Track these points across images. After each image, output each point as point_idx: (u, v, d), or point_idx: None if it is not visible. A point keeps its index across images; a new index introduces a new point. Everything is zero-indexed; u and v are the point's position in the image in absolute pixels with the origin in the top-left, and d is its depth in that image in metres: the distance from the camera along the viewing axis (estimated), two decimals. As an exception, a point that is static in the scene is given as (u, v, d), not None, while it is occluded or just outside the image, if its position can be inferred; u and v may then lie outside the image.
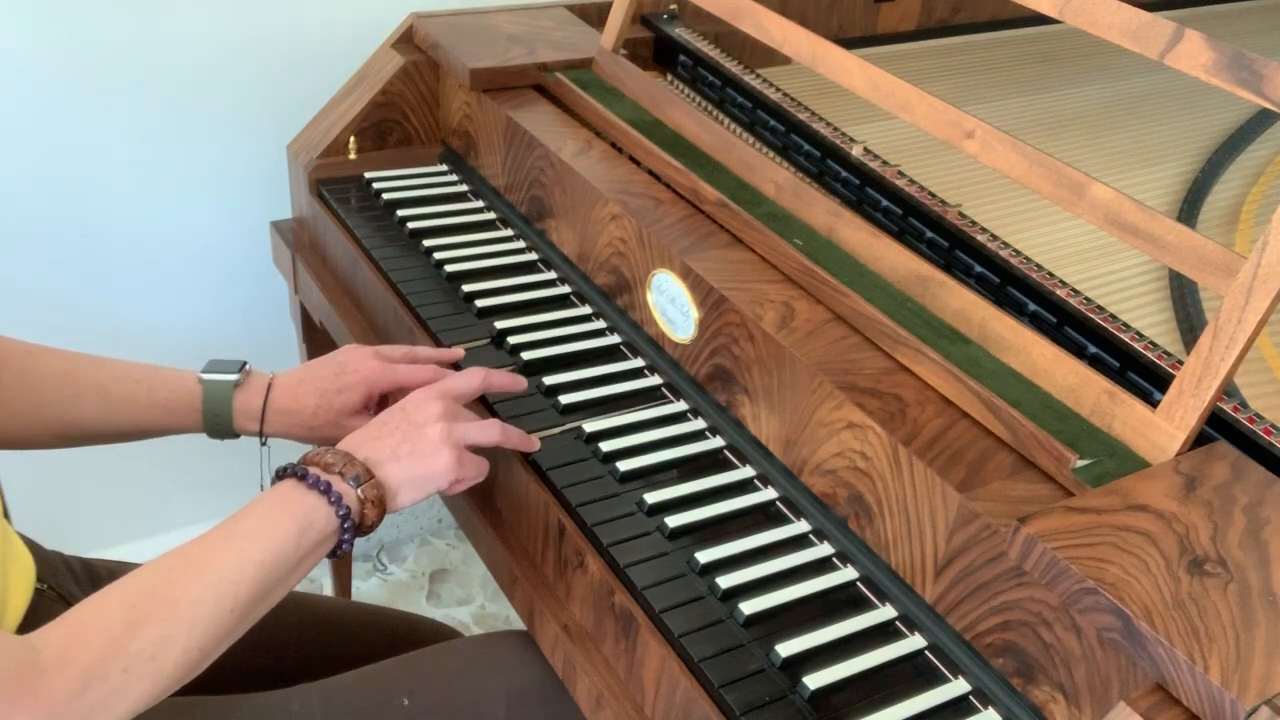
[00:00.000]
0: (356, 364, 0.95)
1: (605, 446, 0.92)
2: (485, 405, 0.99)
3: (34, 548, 0.87)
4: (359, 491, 0.78)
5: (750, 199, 1.04)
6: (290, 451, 0.89)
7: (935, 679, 0.77)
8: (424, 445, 0.82)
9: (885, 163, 1.10)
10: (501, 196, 1.24)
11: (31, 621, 0.79)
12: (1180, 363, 0.85)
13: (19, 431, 0.90)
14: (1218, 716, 0.59)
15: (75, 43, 1.32)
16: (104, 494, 1.63)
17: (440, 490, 0.84)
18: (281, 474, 0.79)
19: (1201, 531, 0.68)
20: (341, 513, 0.77)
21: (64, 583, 0.88)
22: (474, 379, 0.91)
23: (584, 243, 1.10)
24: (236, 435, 0.96)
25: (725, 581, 0.81)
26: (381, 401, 0.98)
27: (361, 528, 0.79)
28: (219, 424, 0.94)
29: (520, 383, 0.95)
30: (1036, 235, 1.08)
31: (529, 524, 0.92)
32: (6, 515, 0.85)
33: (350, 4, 1.45)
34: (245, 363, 0.95)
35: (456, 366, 1.01)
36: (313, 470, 0.78)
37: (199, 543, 0.73)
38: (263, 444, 0.98)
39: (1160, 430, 0.76)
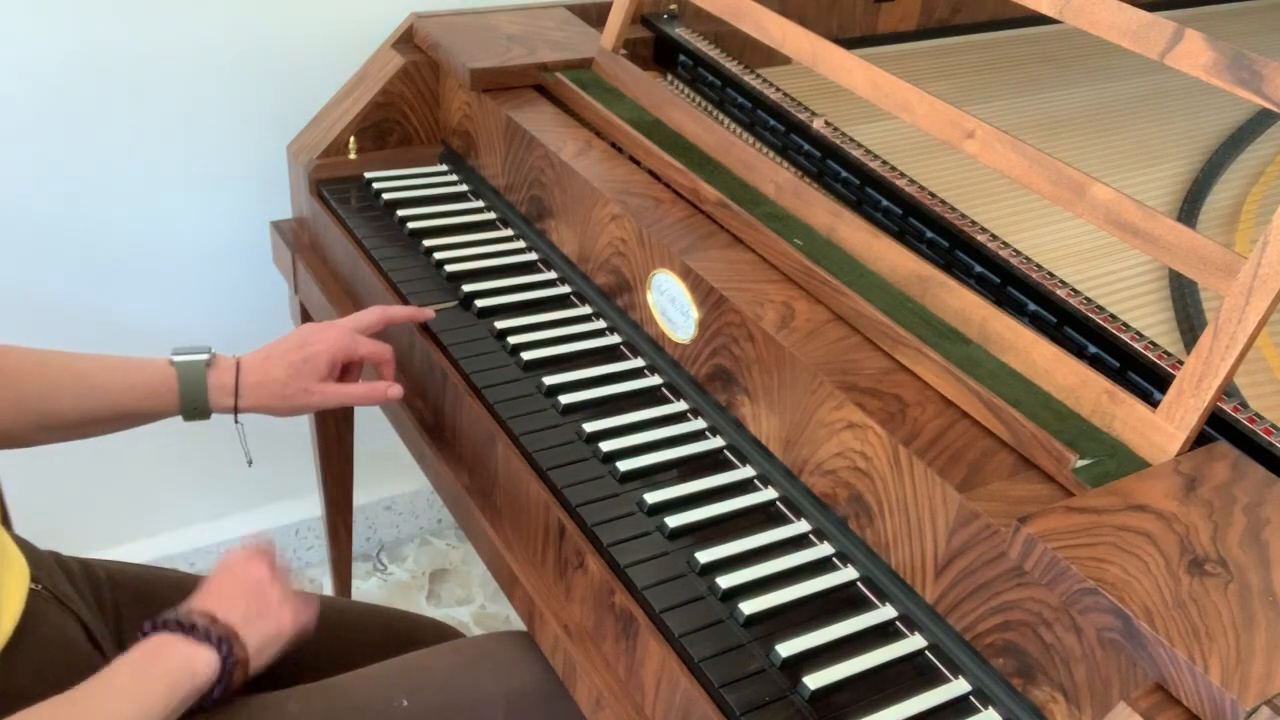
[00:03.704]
0: (318, 335, 1.00)
1: (605, 446, 0.92)
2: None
3: (27, 548, 0.87)
4: (233, 651, 0.81)
5: (750, 199, 1.04)
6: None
7: (935, 679, 0.77)
8: (268, 607, 0.85)
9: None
10: (501, 196, 1.24)
11: (27, 623, 0.79)
12: (1180, 363, 0.85)
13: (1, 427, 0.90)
14: (1218, 716, 0.59)
15: (75, 44, 1.32)
16: (104, 494, 1.63)
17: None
18: (154, 628, 0.80)
19: (1201, 531, 0.68)
20: (225, 656, 0.80)
21: (58, 583, 0.88)
22: (372, 314, 0.98)
23: (584, 243, 1.10)
24: (209, 415, 0.97)
25: (725, 581, 0.81)
26: (344, 372, 1.02)
27: (229, 689, 0.81)
28: (195, 403, 0.96)
29: (424, 313, 0.98)
30: (1036, 235, 1.08)
31: (529, 524, 0.92)
32: (6, 519, 0.85)
33: (350, 4, 1.44)
34: (210, 347, 0.97)
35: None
36: (199, 621, 0.80)
37: (67, 701, 0.73)
38: (236, 422, 1.00)
39: (1160, 430, 0.76)
